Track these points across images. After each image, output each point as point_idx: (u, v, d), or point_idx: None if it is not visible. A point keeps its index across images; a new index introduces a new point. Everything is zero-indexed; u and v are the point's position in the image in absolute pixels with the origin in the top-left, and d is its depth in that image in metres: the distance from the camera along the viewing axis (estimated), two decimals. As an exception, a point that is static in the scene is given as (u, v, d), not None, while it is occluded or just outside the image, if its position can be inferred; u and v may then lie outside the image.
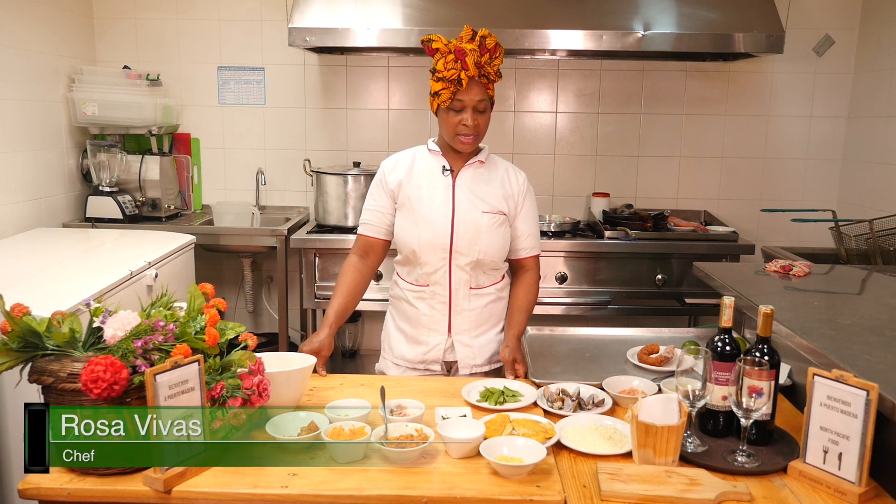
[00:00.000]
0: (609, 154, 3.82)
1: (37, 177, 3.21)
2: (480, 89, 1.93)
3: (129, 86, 3.44)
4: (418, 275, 2.04)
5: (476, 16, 3.25)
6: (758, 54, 3.38)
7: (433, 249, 2.00)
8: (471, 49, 1.88)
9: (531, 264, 2.12)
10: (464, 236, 1.99)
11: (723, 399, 1.50)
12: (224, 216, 3.58)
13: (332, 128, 3.80)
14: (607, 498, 1.30)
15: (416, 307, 2.06)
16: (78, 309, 1.71)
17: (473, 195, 2.02)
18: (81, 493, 1.33)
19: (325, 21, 3.21)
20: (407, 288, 2.08)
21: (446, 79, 1.90)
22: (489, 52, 1.91)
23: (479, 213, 2.00)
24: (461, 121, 1.94)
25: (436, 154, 2.06)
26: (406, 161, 2.08)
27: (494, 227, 2.01)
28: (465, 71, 1.88)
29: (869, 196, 3.52)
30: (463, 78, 1.89)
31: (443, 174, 2.04)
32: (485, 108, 1.96)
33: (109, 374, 1.26)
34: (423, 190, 2.02)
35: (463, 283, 2.02)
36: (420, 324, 2.06)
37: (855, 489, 1.30)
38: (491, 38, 1.92)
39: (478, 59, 1.89)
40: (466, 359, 2.05)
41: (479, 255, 2.00)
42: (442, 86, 1.91)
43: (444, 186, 2.03)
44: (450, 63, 1.89)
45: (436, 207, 2.00)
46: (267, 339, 3.78)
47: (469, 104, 1.93)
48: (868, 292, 2.27)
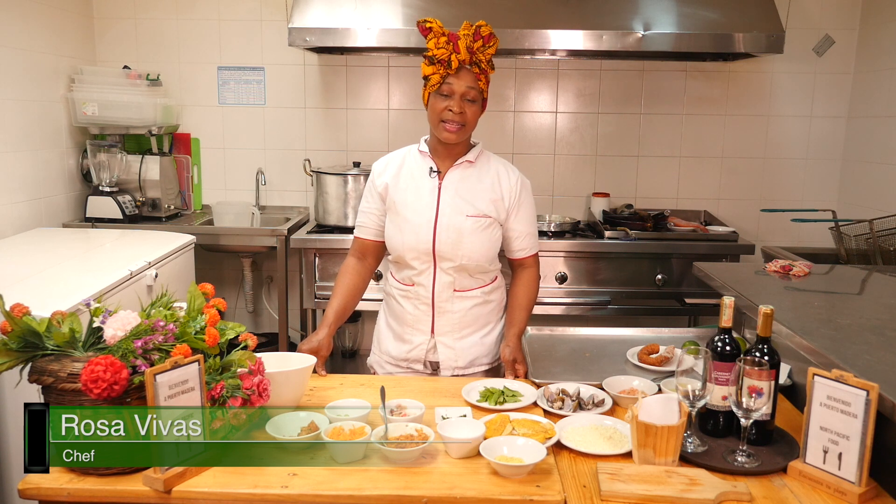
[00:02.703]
0: (609, 154, 3.82)
1: (37, 177, 3.21)
2: (471, 77, 1.91)
3: (129, 86, 3.44)
4: (405, 274, 2.05)
5: (476, 16, 3.20)
6: (758, 54, 3.38)
7: (416, 253, 1.99)
8: (465, 34, 1.89)
9: (530, 262, 2.11)
10: (446, 241, 1.97)
11: (723, 399, 1.50)
12: (224, 216, 3.58)
13: (332, 128, 3.81)
14: (607, 498, 1.30)
15: (402, 306, 2.07)
16: (78, 309, 1.71)
17: (459, 198, 1.99)
18: (81, 493, 1.33)
19: (325, 21, 3.21)
20: (395, 286, 2.09)
21: (437, 59, 1.89)
22: (483, 38, 1.91)
23: (463, 216, 1.98)
24: (447, 106, 1.91)
25: (425, 155, 2.04)
26: (395, 163, 2.06)
27: (479, 231, 1.98)
28: (455, 54, 1.88)
29: (869, 196, 3.52)
30: (453, 60, 1.88)
31: (430, 176, 2.02)
32: (474, 98, 1.93)
33: (109, 374, 1.26)
34: (409, 193, 2.01)
35: (446, 285, 2.01)
36: (405, 322, 2.06)
37: (855, 489, 1.30)
38: (486, 27, 1.92)
39: (470, 44, 1.89)
40: (448, 360, 2.05)
41: (462, 259, 1.98)
42: (432, 69, 1.90)
43: (430, 189, 2.01)
44: (441, 43, 1.88)
45: (419, 211, 1.99)
46: (267, 339, 3.78)
47: (458, 90, 1.90)
48: (868, 292, 2.27)
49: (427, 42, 1.92)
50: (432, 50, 1.90)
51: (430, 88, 1.93)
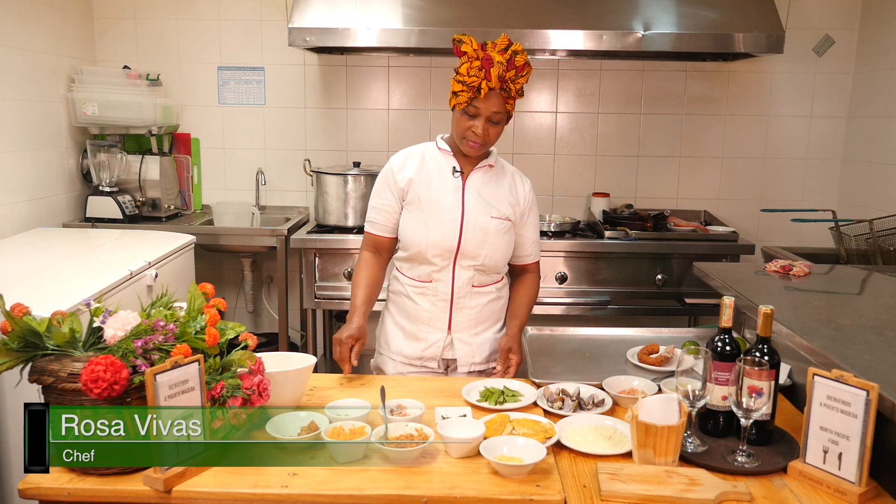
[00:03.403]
0: (609, 154, 3.82)
1: (37, 177, 3.21)
2: (499, 101, 1.89)
3: (129, 86, 3.45)
4: (422, 271, 2.03)
5: (476, 16, 3.25)
6: (758, 54, 3.38)
7: (440, 250, 1.99)
8: (498, 61, 1.84)
9: (533, 268, 2.14)
10: (471, 240, 1.98)
11: (723, 399, 1.50)
12: (224, 216, 3.58)
13: (332, 128, 3.81)
14: (607, 498, 1.30)
15: (416, 303, 2.05)
16: (78, 309, 1.71)
17: (482, 199, 2.00)
18: (81, 493, 1.33)
19: (325, 21, 3.21)
20: (409, 283, 2.06)
21: (466, 84, 1.86)
22: (517, 68, 1.87)
23: (488, 217, 1.99)
24: (472, 127, 1.91)
25: (446, 153, 2.03)
26: (416, 158, 2.04)
27: (501, 233, 2.01)
28: (486, 81, 1.84)
29: (869, 196, 3.52)
30: (483, 87, 1.85)
31: (453, 175, 2.01)
32: (499, 121, 1.92)
33: (109, 374, 1.26)
34: (433, 190, 2.00)
35: (466, 281, 2.02)
36: (420, 320, 2.05)
37: (855, 489, 1.30)
38: (522, 56, 1.87)
39: (502, 73, 1.85)
40: (465, 356, 2.05)
41: (484, 259, 2.00)
42: (461, 88, 1.88)
43: (455, 188, 2.00)
44: (474, 70, 1.85)
45: (446, 209, 1.98)
46: (267, 339, 3.78)
47: (484, 113, 1.89)
48: (868, 292, 2.27)
49: (459, 65, 1.89)
50: (464, 76, 1.86)
51: (458, 105, 1.91)
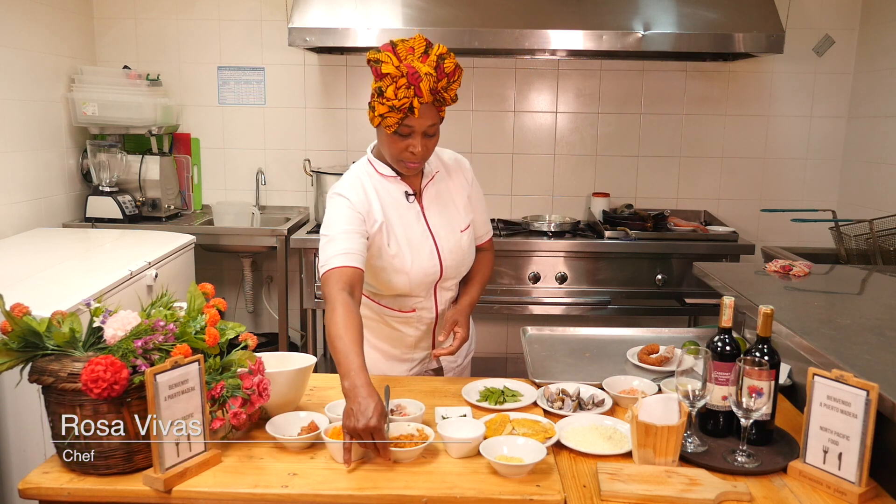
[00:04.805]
0: (609, 154, 3.82)
1: (37, 177, 3.21)
2: (432, 113, 1.70)
3: (129, 86, 3.44)
4: (405, 303, 1.92)
5: (476, 16, 3.24)
6: (758, 54, 3.38)
7: (423, 286, 1.88)
8: (426, 72, 1.63)
9: (488, 245, 2.06)
10: (452, 265, 1.89)
11: (723, 399, 1.50)
12: (224, 216, 3.58)
13: (332, 128, 3.80)
14: (607, 498, 1.30)
15: (399, 330, 1.96)
16: (78, 309, 1.71)
17: (444, 216, 1.88)
18: (81, 493, 1.33)
19: (325, 21, 3.21)
20: (389, 314, 1.94)
21: (396, 108, 1.65)
22: (447, 76, 1.67)
23: (457, 233, 1.89)
24: (408, 147, 1.72)
25: (391, 179, 1.84)
26: (368, 193, 1.81)
27: (472, 240, 1.95)
28: (418, 98, 1.64)
29: (869, 196, 3.52)
30: (416, 105, 1.64)
31: (408, 202, 1.85)
32: (435, 132, 1.74)
33: (109, 374, 1.26)
34: (398, 227, 1.83)
35: (448, 299, 1.97)
36: (403, 344, 1.98)
37: (855, 489, 1.30)
38: (450, 60, 1.67)
39: (433, 85, 1.64)
40: (449, 362, 2.04)
41: (464, 271, 1.96)
42: (387, 111, 1.66)
43: (415, 216, 1.85)
44: (402, 91, 1.63)
45: (418, 244, 1.84)
46: (267, 339, 3.78)
47: (419, 129, 1.70)
48: (868, 292, 2.27)
49: (383, 87, 1.65)
50: (391, 98, 1.64)
51: (387, 128, 1.70)
